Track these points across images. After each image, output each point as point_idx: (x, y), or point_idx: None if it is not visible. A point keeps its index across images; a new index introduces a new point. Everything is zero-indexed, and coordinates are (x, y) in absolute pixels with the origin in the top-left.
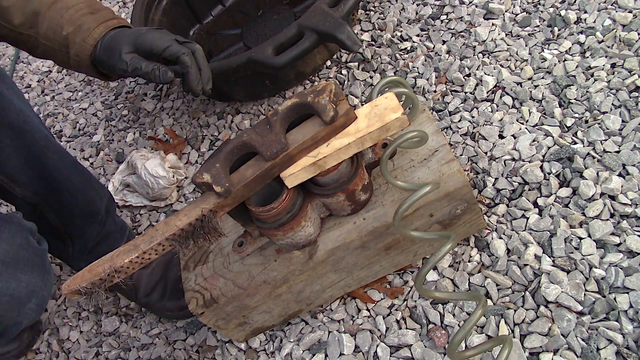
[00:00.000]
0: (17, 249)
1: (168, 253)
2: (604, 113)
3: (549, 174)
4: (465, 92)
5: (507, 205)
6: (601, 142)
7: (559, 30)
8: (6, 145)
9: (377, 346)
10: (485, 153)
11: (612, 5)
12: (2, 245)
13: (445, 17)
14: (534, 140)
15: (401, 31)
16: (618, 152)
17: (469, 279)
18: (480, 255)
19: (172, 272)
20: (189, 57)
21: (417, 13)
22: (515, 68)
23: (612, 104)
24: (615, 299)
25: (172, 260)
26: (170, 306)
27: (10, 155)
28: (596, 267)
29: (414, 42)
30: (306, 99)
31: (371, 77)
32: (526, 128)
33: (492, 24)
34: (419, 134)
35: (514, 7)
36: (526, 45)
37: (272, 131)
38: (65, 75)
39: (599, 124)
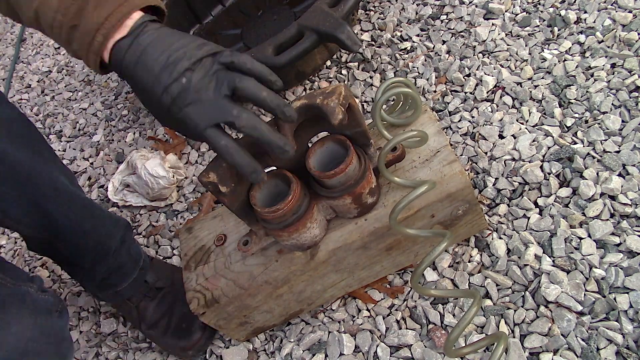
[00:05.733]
0: (27, 342)
1: (177, 286)
2: (604, 113)
3: (549, 174)
4: (465, 92)
5: (508, 205)
6: (601, 142)
7: (559, 30)
8: (10, 196)
9: (377, 346)
10: (485, 153)
11: (612, 5)
12: (10, 340)
13: (445, 17)
14: (534, 140)
15: (401, 31)
16: (618, 152)
17: (469, 279)
18: (481, 255)
19: (179, 308)
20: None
21: (417, 13)
22: (515, 68)
23: (612, 104)
24: (615, 299)
25: (179, 293)
26: (171, 344)
27: (14, 203)
28: (596, 267)
29: (414, 42)
30: (315, 101)
31: (371, 77)
32: (526, 128)
33: (492, 24)
34: (419, 134)
35: (514, 7)
36: (526, 45)
37: (280, 132)
38: (65, 75)
39: (599, 124)
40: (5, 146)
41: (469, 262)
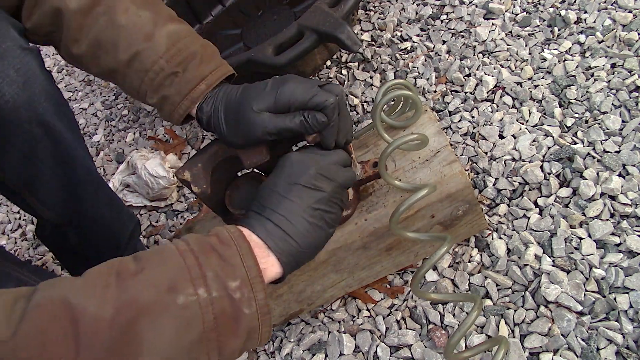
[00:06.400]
0: None
1: None
2: (604, 113)
3: (549, 174)
4: (465, 92)
5: (508, 205)
6: (601, 142)
7: (559, 30)
8: (46, 174)
9: (377, 346)
10: (486, 153)
11: (612, 5)
12: None
13: (445, 17)
14: (534, 140)
15: (401, 31)
16: (618, 152)
17: (469, 279)
18: (481, 255)
19: None
20: (335, 109)
21: (417, 13)
22: (515, 68)
23: (612, 104)
24: (615, 299)
25: None
26: None
27: (47, 183)
28: (596, 267)
29: (414, 42)
30: None
31: (371, 77)
32: (526, 128)
33: (492, 24)
34: (419, 137)
35: (514, 7)
36: (526, 45)
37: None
38: (66, 75)
39: (599, 124)
40: (53, 121)
41: (469, 262)
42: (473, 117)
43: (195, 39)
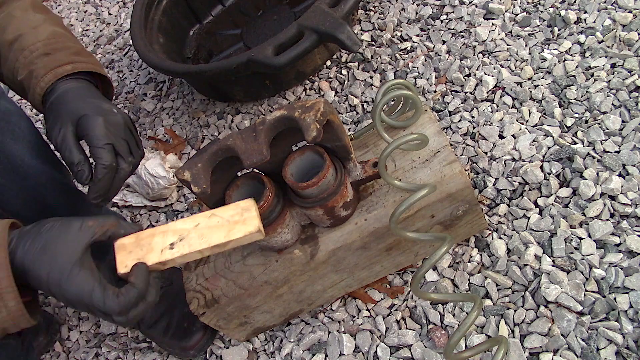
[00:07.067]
0: None
1: (177, 286)
2: (604, 113)
3: (549, 174)
4: (465, 92)
5: (508, 206)
6: (601, 142)
7: (559, 30)
8: (8, 188)
9: (377, 346)
10: (486, 153)
11: (612, 5)
12: None
13: (445, 17)
14: (534, 140)
15: (401, 31)
16: (618, 152)
17: (469, 279)
18: (481, 255)
19: (179, 307)
20: (107, 175)
21: (417, 13)
22: (515, 68)
23: (612, 104)
24: (615, 299)
25: (179, 293)
26: (172, 344)
27: (12, 196)
28: (596, 267)
29: (414, 42)
30: (293, 114)
31: (371, 77)
32: (526, 128)
33: (492, 24)
34: (419, 137)
35: (514, 7)
36: (526, 45)
37: (256, 140)
38: None
39: (599, 124)
40: (3, 138)
41: (469, 262)
42: (473, 117)
43: (77, 44)
